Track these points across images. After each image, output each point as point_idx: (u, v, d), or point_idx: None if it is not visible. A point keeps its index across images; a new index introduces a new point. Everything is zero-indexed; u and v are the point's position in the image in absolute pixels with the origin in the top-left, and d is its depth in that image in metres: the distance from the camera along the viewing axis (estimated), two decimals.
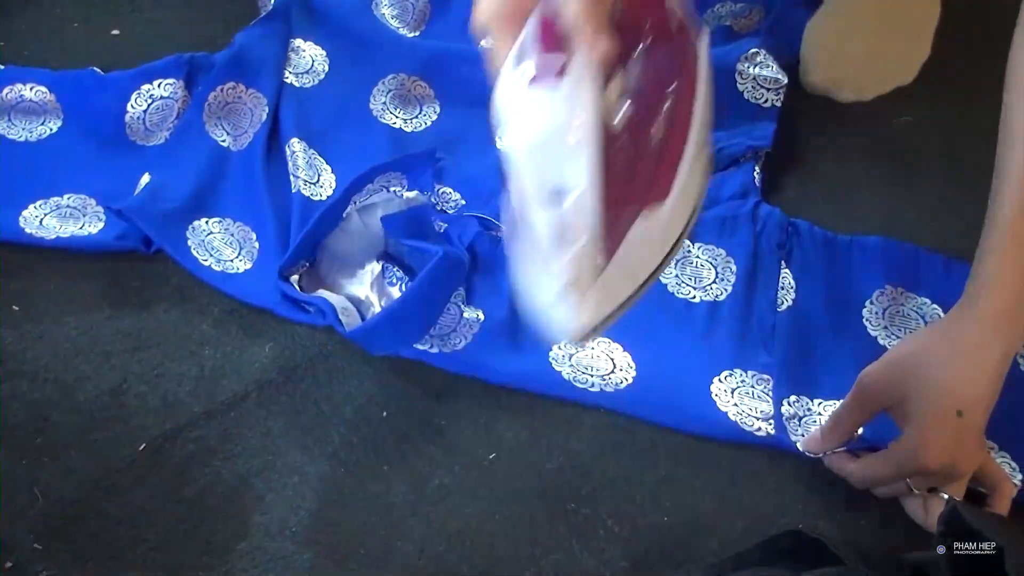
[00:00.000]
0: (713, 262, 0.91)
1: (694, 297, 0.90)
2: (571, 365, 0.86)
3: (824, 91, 1.06)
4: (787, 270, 0.90)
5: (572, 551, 0.77)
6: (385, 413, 0.85)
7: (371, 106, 1.05)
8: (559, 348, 0.87)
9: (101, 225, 0.95)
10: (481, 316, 0.89)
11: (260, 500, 0.80)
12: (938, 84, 1.07)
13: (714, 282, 0.90)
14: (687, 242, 0.92)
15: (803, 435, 0.81)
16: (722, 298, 0.89)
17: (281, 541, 0.78)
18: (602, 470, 0.81)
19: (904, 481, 0.75)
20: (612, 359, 0.87)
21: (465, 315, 0.89)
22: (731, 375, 0.85)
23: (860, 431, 0.79)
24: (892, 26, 1.05)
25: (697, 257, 0.92)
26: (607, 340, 0.88)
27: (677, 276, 0.91)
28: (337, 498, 0.80)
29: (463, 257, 0.90)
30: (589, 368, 0.86)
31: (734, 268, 0.91)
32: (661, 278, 0.89)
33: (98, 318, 0.90)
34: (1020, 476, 0.79)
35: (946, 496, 0.73)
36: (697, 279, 0.91)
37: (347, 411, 0.85)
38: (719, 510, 0.79)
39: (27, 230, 0.94)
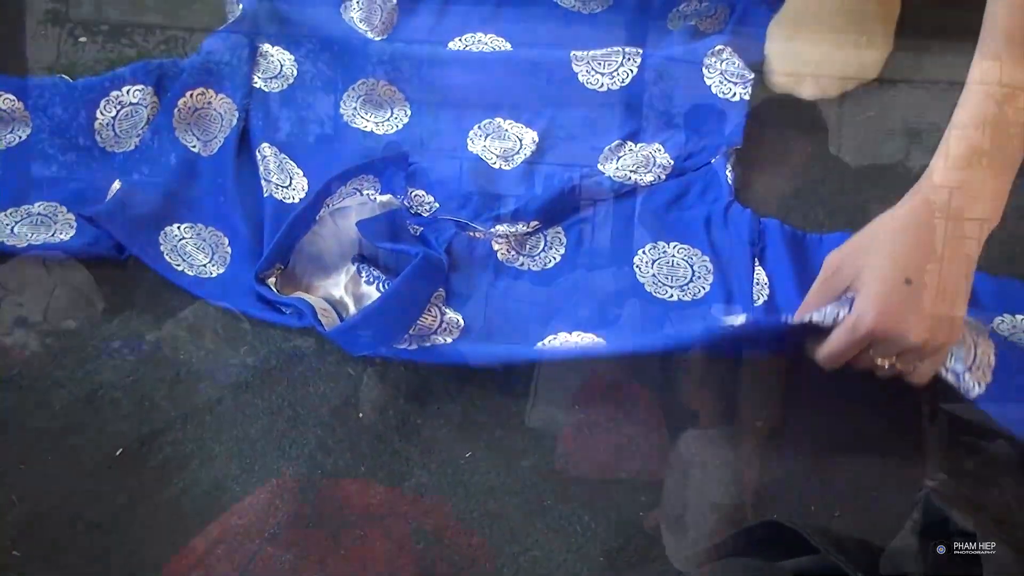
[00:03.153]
0: (689, 261, 0.92)
1: (671, 296, 0.91)
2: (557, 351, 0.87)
3: (788, 90, 1.07)
4: (760, 267, 0.91)
5: (550, 548, 0.78)
6: (360, 414, 0.85)
7: (341, 111, 1.05)
8: (545, 343, 0.88)
9: (72, 232, 0.95)
10: (462, 321, 0.90)
11: (238, 503, 0.80)
12: (900, 79, 1.08)
13: (691, 280, 0.91)
14: (663, 243, 0.94)
15: None
16: (700, 296, 0.90)
17: (260, 544, 0.78)
18: None
19: (874, 361, 0.77)
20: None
21: (447, 317, 0.90)
22: None
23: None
24: (853, 23, 1.06)
25: (673, 257, 0.93)
26: (591, 336, 0.89)
27: (654, 276, 0.92)
28: (315, 499, 0.81)
29: (442, 258, 0.91)
30: (575, 346, 0.87)
31: (710, 267, 0.92)
32: (639, 278, 0.91)
33: (71, 324, 0.90)
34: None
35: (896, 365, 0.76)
36: (674, 278, 0.92)
37: (323, 413, 0.85)
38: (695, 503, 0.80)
39: None
